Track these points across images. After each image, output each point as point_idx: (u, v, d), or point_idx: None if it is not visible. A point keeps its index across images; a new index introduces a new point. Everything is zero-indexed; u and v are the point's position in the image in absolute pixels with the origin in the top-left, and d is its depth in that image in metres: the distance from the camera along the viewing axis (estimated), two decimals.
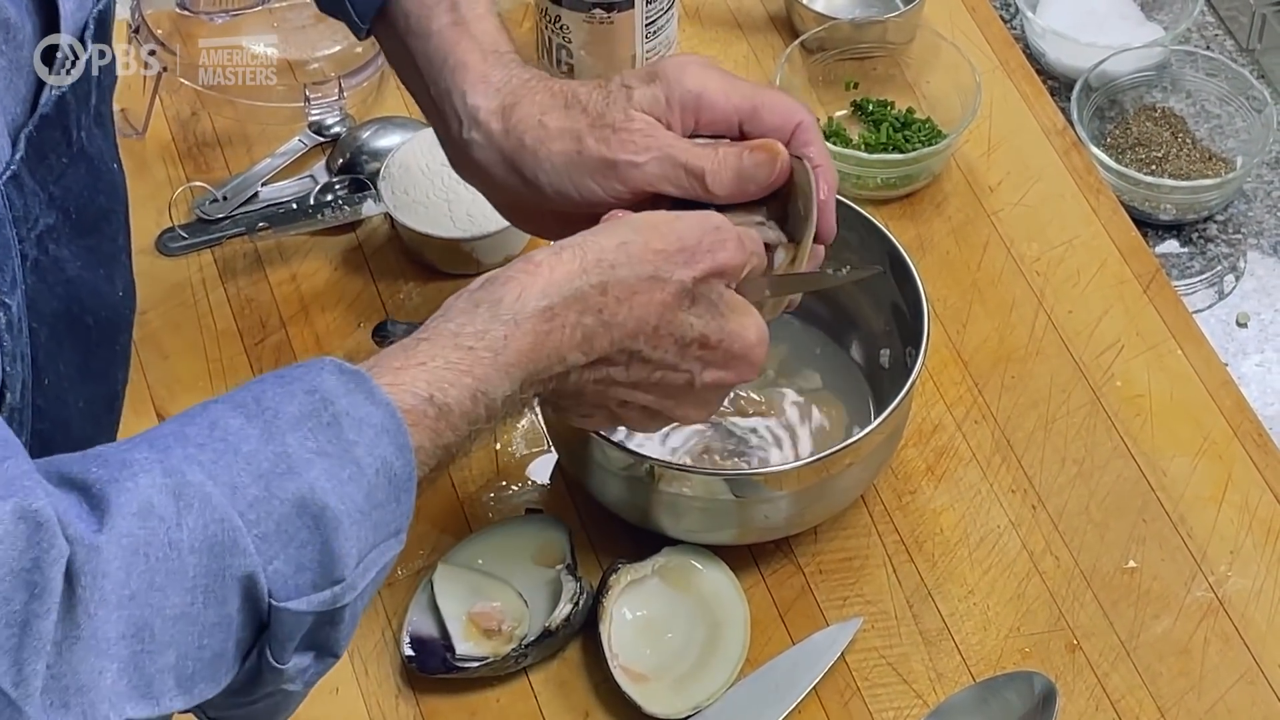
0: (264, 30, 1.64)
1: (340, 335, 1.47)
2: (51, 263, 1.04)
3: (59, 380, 1.06)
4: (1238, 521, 1.35)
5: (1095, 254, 1.51)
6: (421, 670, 1.28)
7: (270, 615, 0.92)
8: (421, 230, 1.48)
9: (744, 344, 1.13)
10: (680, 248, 1.10)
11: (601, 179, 1.19)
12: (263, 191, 1.56)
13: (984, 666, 1.29)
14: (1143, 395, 1.42)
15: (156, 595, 0.88)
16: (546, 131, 1.20)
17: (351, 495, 0.94)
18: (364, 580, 0.95)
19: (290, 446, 0.94)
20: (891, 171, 1.53)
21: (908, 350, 1.34)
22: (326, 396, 0.96)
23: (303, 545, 0.92)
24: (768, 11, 1.69)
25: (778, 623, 1.31)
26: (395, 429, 0.97)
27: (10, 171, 0.99)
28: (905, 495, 1.37)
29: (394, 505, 0.97)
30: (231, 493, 0.92)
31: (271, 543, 0.92)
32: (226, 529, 0.90)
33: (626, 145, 1.19)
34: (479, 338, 1.04)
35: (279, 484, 0.93)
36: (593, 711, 1.28)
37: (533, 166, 1.20)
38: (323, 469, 0.94)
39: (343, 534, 0.93)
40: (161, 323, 1.48)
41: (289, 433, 0.94)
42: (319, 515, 0.93)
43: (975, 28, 1.66)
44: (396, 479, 0.96)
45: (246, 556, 0.91)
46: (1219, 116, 1.66)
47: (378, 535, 0.96)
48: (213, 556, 0.90)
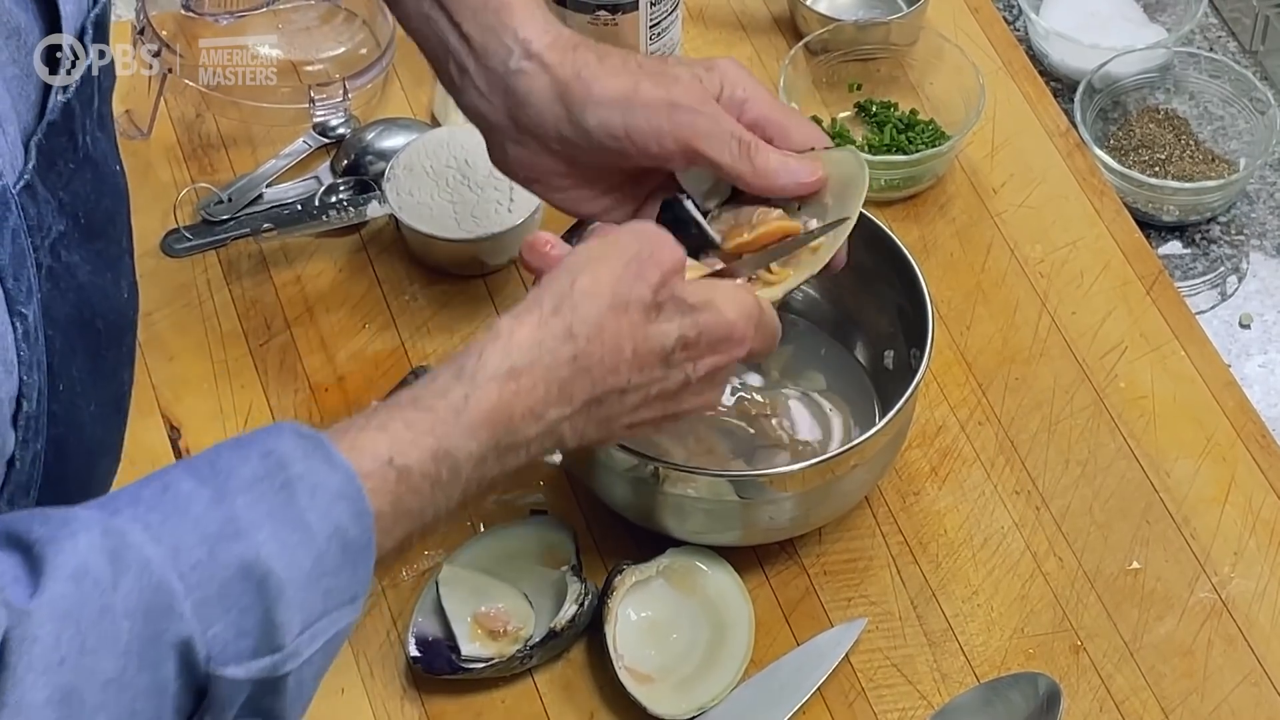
0: (268, 32, 1.64)
1: (345, 336, 1.48)
2: (64, 269, 1.04)
3: (72, 385, 1.06)
4: (1241, 523, 1.35)
5: (1099, 255, 1.51)
6: (427, 671, 1.28)
7: (208, 681, 0.90)
8: (426, 232, 1.48)
9: (724, 326, 1.12)
10: (626, 263, 1.09)
11: (653, 117, 1.18)
12: (267, 193, 1.56)
13: (988, 667, 1.29)
14: (1146, 397, 1.42)
15: (88, 660, 0.86)
16: (604, 68, 1.20)
17: (299, 562, 0.92)
18: (309, 648, 0.93)
19: (239, 509, 0.92)
20: (895, 173, 1.53)
21: (912, 352, 1.34)
22: (282, 460, 0.94)
23: (244, 611, 0.90)
24: (771, 13, 1.69)
25: (782, 624, 1.32)
26: (353, 494, 0.95)
27: (24, 181, 0.99)
28: (909, 496, 1.38)
29: (348, 573, 0.95)
30: (174, 555, 0.90)
31: (212, 607, 0.90)
32: (163, 593, 0.88)
33: (688, 93, 1.19)
34: (440, 397, 1.02)
35: (224, 547, 0.91)
36: (598, 712, 1.28)
37: (583, 98, 1.19)
38: (271, 533, 0.92)
39: (285, 601, 0.91)
40: (167, 324, 1.48)
41: (240, 495, 0.93)
42: (262, 581, 0.91)
43: (979, 29, 1.66)
44: (351, 546, 0.94)
45: (183, 621, 0.89)
46: (1222, 118, 1.66)
47: (328, 603, 0.94)
48: (148, 621, 0.88)
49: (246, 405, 1.43)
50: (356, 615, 0.96)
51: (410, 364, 1.46)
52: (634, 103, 1.19)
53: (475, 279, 1.51)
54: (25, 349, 0.99)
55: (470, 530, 1.36)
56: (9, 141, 0.99)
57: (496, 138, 1.24)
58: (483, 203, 1.49)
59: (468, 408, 1.02)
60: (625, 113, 1.19)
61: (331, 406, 1.43)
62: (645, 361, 1.09)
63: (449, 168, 1.51)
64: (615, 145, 1.20)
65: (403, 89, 1.64)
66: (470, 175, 1.50)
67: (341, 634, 0.95)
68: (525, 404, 1.04)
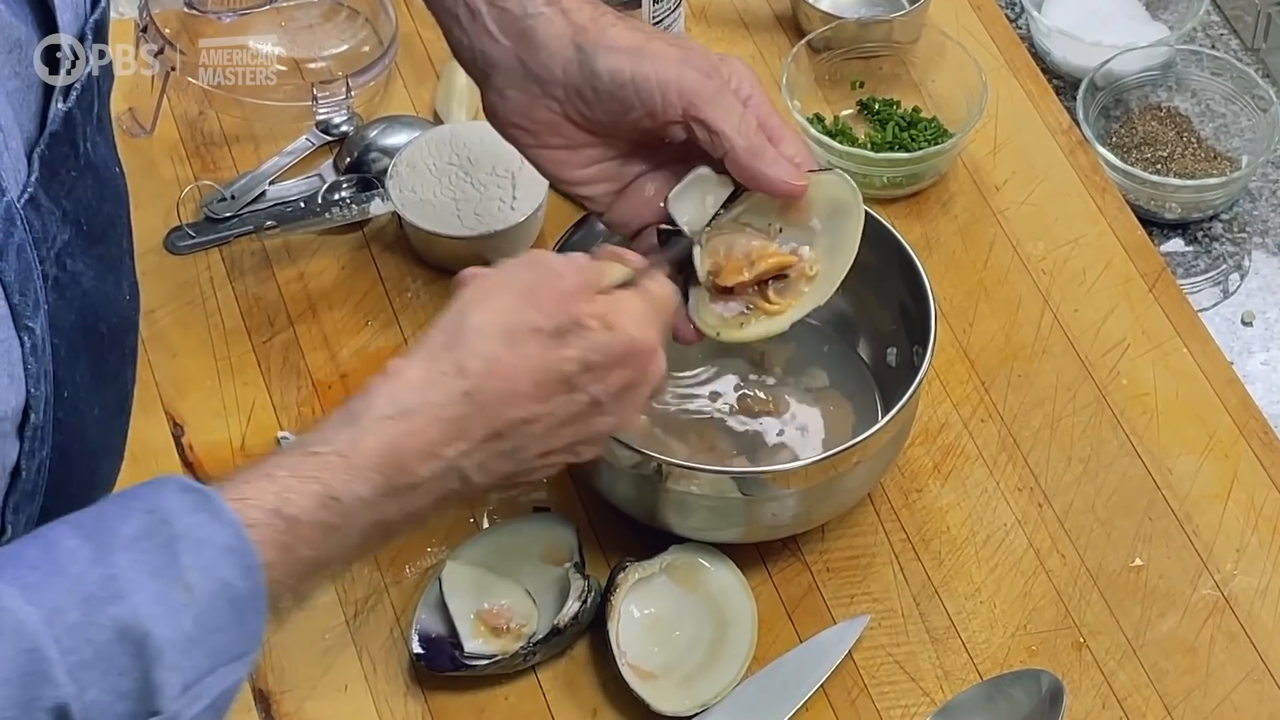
0: (271, 29, 1.64)
1: (347, 334, 1.48)
2: (69, 278, 1.04)
3: (75, 390, 1.06)
4: (1244, 520, 1.36)
5: (1101, 253, 1.51)
6: (430, 668, 1.28)
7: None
8: (429, 229, 1.48)
9: (625, 343, 1.09)
10: (519, 293, 1.07)
11: (663, 69, 1.18)
12: (270, 190, 1.57)
13: (991, 664, 1.29)
14: (1148, 394, 1.42)
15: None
16: (622, 24, 1.20)
17: (179, 622, 0.91)
18: (191, 709, 0.91)
19: (119, 568, 0.91)
20: (897, 170, 1.53)
21: (914, 349, 1.34)
22: (165, 516, 0.93)
23: (122, 674, 0.89)
24: (774, 11, 1.69)
25: (785, 621, 1.32)
26: (240, 548, 0.93)
27: (28, 194, 0.99)
28: (912, 494, 1.38)
29: (235, 629, 0.93)
30: (50, 617, 0.88)
31: (89, 670, 0.88)
32: (36, 659, 0.87)
33: (700, 59, 1.19)
34: (326, 443, 1.00)
35: (101, 609, 0.89)
36: (600, 709, 1.28)
37: (596, 41, 1.19)
38: (151, 594, 0.90)
39: (164, 664, 0.90)
40: (170, 321, 1.48)
41: (121, 553, 0.91)
42: (140, 644, 0.90)
43: (981, 27, 1.67)
44: (239, 600, 0.93)
45: (57, 688, 0.87)
46: (1224, 115, 1.66)
47: (214, 661, 0.92)
48: (21, 687, 0.87)
49: (249, 402, 1.44)
50: (244, 672, 0.94)
51: None
52: (645, 53, 1.18)
53: None
54: (33, 362, 0.99)
55: (473, 527, 1.36)
56: (12, 155, 0.98)
57: (497, 81, 1.22)
58: (485, 200, 1.49)
59: (355, 450, 1.00)
60: (635, 61, 1.18)
61: (334, 403, 1.42)
62: (547, 390, 1.06)
63: (452, 165, 1.51)
64: (620, 94, 1.18)
65: (405, 86, 1.64)
66: (473, 172, 1.50)
67: (229, 692, 0.93)
68: (417, 443, 1.02)
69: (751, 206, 1.22)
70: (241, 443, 1.41)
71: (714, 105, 1.18)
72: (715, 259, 1.21)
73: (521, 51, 1.20)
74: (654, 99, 1.18)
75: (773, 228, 1.22)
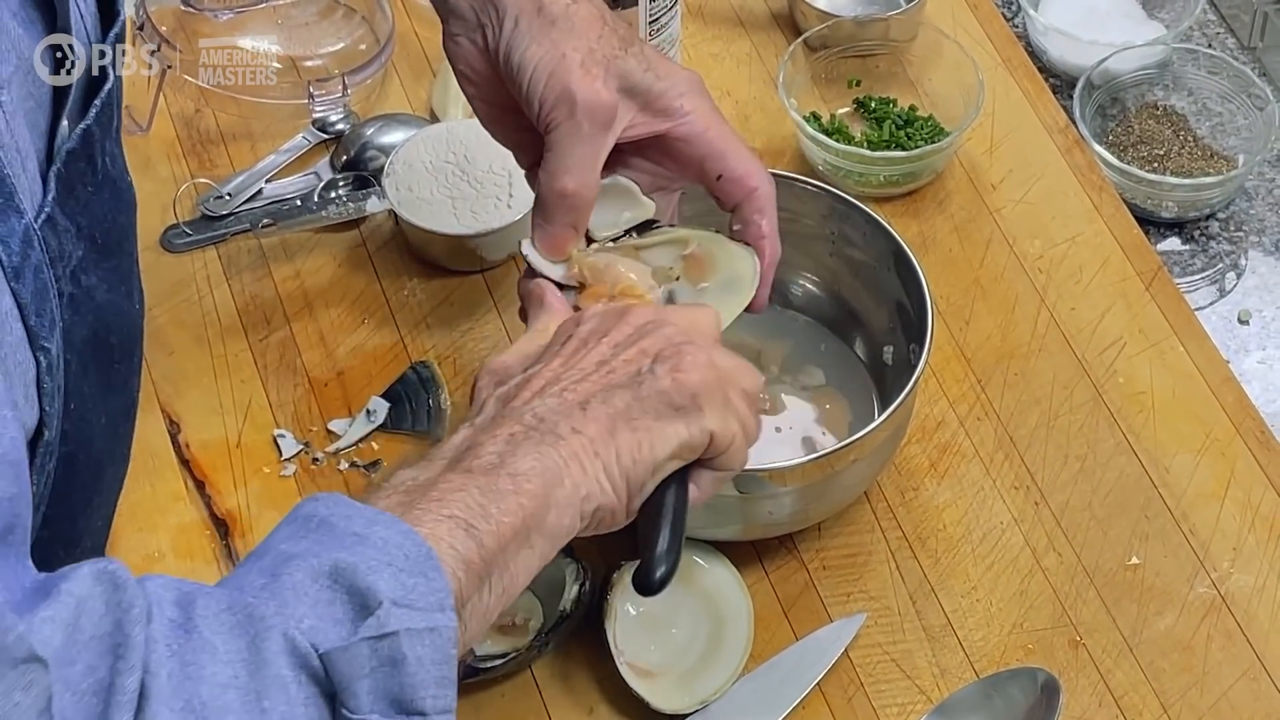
0: (268, 27, 1.64)
1: (344, 332, 1.48)
2: (84, 294, 1.04)
3: (83, 402, 1.06)
4: (1240, 518, 1.36)
5: (1097, 251, 1.51)
6: None
7: (325, 667, 0.89)
8: (426, 227, 1.48)
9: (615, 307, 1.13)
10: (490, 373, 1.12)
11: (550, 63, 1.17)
12: (267, 188, 1.56)
13: (987, 662, 1.29)
14: (1145, 392, 1.43)
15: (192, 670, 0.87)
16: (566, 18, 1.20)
17: (361, 554, 0.92)
18: (410, 622, 0.91)
19: (284, 548, 0.93)
20: (894, 169, 1.53)
21: (911, 347, 1.34)
22: (310, 513, 0.95)
23: (329, 603, 0.90)
24: (770, 9, 1.69)
25: (781, 619, 1.32)
26: (387, 520, 0.95)
27: (45, 214, 0.99)
28: (908, 492, 1.38)
29: (421, 578, 0.92)
30: (238, 590, 0.91)
31: (292, 608, 0.90)
32: (239, 609, 0.89)
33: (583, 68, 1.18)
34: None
35: (282, 569, 0.91)
36: (597, 707, 1.28)
37: (530, 19, 1.18)
38: (324, 549, 0.92)
39: (362, 574, 0.91)
40: (167, 319, 1.48)
41: (281, 544, 0.94)
42: (333, 571, 0.91)
43: (977, 25, 1.67)
44: (411, 556, 0.93)
45: (271, 619, 0.89)
46: (1220, 114, 1.66)
47: (411, 596, 0.92)
48: (236, 634, 0.89)
49: (246, 400, 1.43)
50: (452, 624, 0.92)
51: (409, 359, 1.46)
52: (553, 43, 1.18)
53: (474, 274, 1.51)
54: (48, 380, 0.99)
55: None
56: (29, 176, 0.98)
57: (453, 26, 1.23)
58: (482, 198, 1.49)
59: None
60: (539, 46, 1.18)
61: (330, 401, 1.43)
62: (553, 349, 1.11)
63: (448, 163, 1.51)
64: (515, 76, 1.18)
65: (402, 84, 1.64)
66: (469, 170, 1.50)
67: (443, 636, 0.92)
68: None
69: (662, 244, 1.22)
70: (238, 440, 1.41)
71: (564, 130, 1.18)
72: (586, 273, 1.21)
73: (478, 4, 1.21)
74: (531, 102, 1.18)
75: (671, 272, 1.22)
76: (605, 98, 1.17)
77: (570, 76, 1.17)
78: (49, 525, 1.08)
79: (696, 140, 1.21)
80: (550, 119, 1.17)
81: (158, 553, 1.35)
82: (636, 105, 1.20)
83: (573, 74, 1.17)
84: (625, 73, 1.19)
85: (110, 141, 1.07)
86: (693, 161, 1.21)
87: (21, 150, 0.97)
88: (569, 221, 1.19)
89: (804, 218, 1.39)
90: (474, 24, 1.21)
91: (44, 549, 1.09)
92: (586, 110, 1.17)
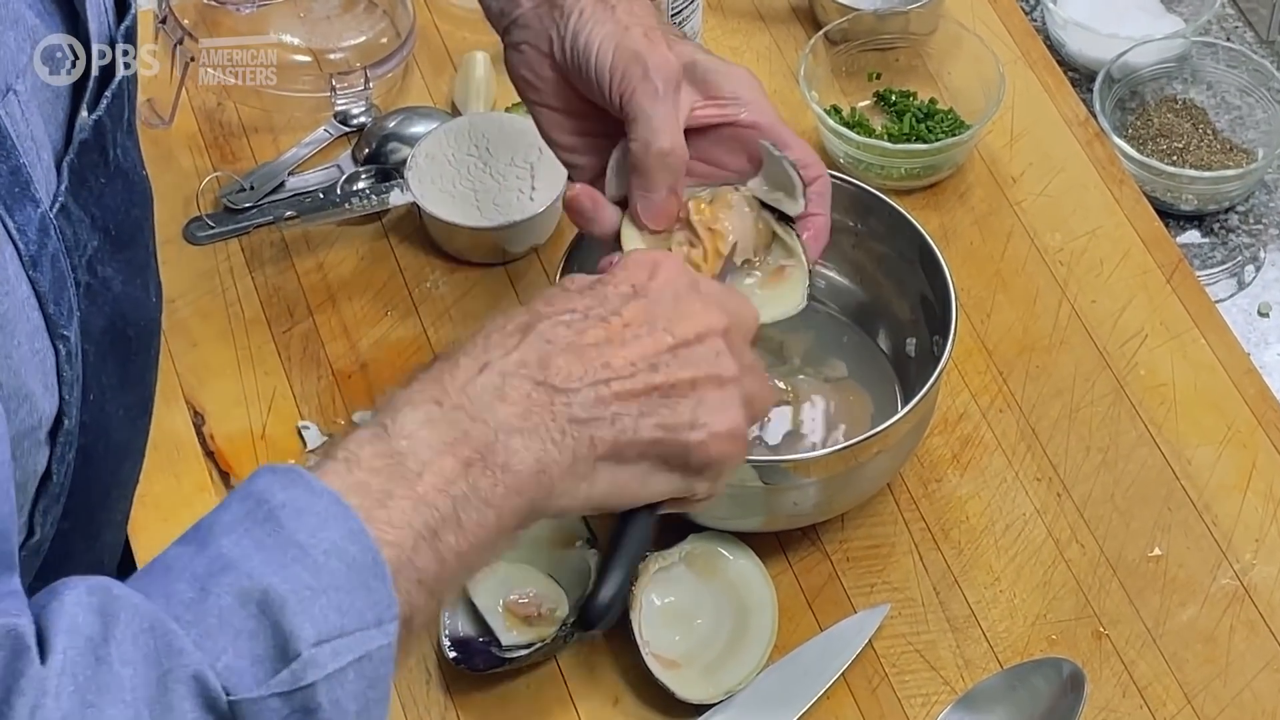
0: (290, 21, 1.65)
1: (367, 324, 1.48)
2: (100, 284, 1.04)
3: (101, 393, 1.06)
4: (1262, 510, 1.36)
5: (1118, 244, 1.51)
6: (471, 670, 1.27)
7: (233, 712, 0.85)
8: (448, 220, 1.49)
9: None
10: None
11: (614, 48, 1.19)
12: (289, 181, 1.57)
13: (1011, 653, 1.30)
14: (1166, 384, 1.43)
15: (91, 713, 0.83)
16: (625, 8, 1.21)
17: (296, 575, 0.87)
18: (333, 663, 0.87)
19: (224, 548, 0.88)
20: (915, 162, 1.54)
21: (934, 339, 1.35)
22: (261, 495, 0.90)
23: (252, 635, 0.86)
24: (790, 3, 1.69)
25: (805, 610, 1.32)
26: (340, 514, 0.90)
27: (60, 203, 0.99)
28: (931, 483, 1.38)
29: (361, 591, 0.89)
30: (165, 601, 0.86)
31: (215, 638, 0.86)
32: (160, 634, 0.85)
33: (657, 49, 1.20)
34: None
35: (215, 582, 0.87)
36: (622, 697, 1.29)
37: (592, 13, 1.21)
38: (262, 559, 0.88)
39: (290, 611, 0.86)
40: (190, 311, 1.49)
41: (223, 536, 0.89)
42: (262, 599, 0.86)
43: (996, 18, 1.67)
44: (355, 563, 0.89)
45: (187, 656, 0.85)
46: (1240, 108, 1.66)
47: (344, 619, 0.88)
48: (149, 665, 0.84)
49: (270, 392, 1.44)
50: (386, 640, 0.89)
51: (432, 351, 1.46)
52: (616, 33, 1.19)
53: (496, 267, 1.51)
54: (67, 369, 1.00)
55: None
56: (44, 166, 0.99)
57: (514, 35, 1.24)
58: (504, 190, 1.49)
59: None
60: (603, 36, 1.19)
61: (354, 393, 1.44)
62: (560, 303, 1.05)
63: (470, 156, 1.51)
64: (582, 65, 1.20)
65: (423, 78, 1.64)
66: (492, 163, 1.50)
67: (375, 660, 0.89)
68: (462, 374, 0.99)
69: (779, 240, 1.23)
70: (262, 432, 1.42)
71: (640, 93, 1.18)
72: (709, 213, 1.22)
73: (543, 10, 1.22)
74: (602, 77, 1.19)
75: (754, 260, 1.23)
76: (672, 60, 1.19)
77: (636, 43, 1.18)
78: (68, 517, 1.08)
79: (765, 129, 1.21)
80: (624, 86, 1.18)
81: None
82: (698, 88, 1.21)
83: (638, 41, 1.18)
84: (687, 51, 1.21)
85: (122, 134, 1.07)
86: (756, 151, 1.22)
87: (37, 140, 0.98)
88: (670, 183, 1.20)
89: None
90: (538, 29, 1.22)
91: (64, 542, 1.10)
92: (658, 69, 1.18)
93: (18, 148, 0.95)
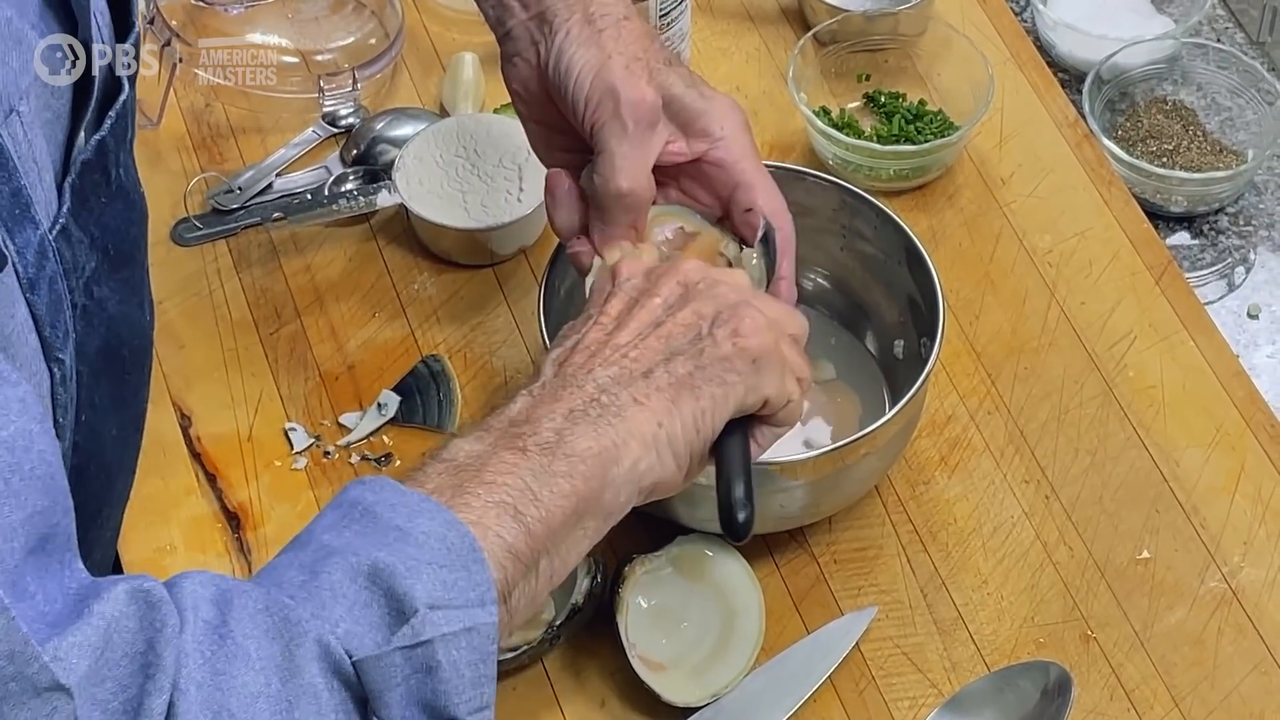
0: (278, 21, 1.64)
1: (355, 325, 1.48)
2: (96, 305, 1.04)
3: (94, 414, 1.07)
4: (1251, 513, 1.36)
5: (1107, 246, 1.51)
6: None
7: (359, 675, 0.90)
8: (436, 221, 1.48)
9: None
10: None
11: (594, 71, 1.20)
12: (277, 182, 1.57)
13: (998, 656, 1.29)
14: (1155, 386, 1.43)
15: (223, 680, 0.88)
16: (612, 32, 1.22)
17: (402, 552, 0.93)
18: (446, 625, 0.92)
19: (326, 541, 0.94)
20: (904, 163, 1.53)
21: (922, 341, 1.34)
22: (355, 500, 0.96)
23: (366, 605, 0.91)
24: (779, 4, 1.69)
25: (792, 612, 1.32)
26: (431, 508, 0.96)
27: (60, 225, 0.99)
28: (919, 485, 1.38)
29: (462, 571, 0.94)
30: (276, 587, 0.92)
31: (331, 609, 0.91)
32: (275, 611, 0.90)
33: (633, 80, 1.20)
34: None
35: (322, 566, 0.92)
36: (609, 700, 1.28)
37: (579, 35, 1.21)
38: (365, 544, 0.93)
39: (400, 577, 0.92)
40: (177, 313, 1.48)
41: (324, 535, 0.95)
42: (372, 571, 0.92)
43: (986, 20, 1.67)
44: (455, 548, 0.94)
45: (306, 625, 0.90)
46: (1230, 109, 1.66)
47: (451, 595, 0.93)
48: (271, 639, 0.89)
49: (257, 393, 1.44)
50: (492, 619, 0.94)
51: (420, 353, 1.46)
52: (598, 57, 1.20)
53: (485, 268, 1.51)
54: (62, 392, 1.00)
55: None
56: (45, 188, 0.98)
57: (509, 48, 1.25)
58: (492, 192, 1.49)
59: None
60: (585, 56, 1.20)
61: (341, 395, 1.44)
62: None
63: (458, 157, 1.51)
64: (561, 85, 1.21)
65: (411, 79, 1.64)
66: (480, 165, 1.50)
67: (481, 634, 0.93)
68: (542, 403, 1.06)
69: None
70: (249, 434, 1.41)
71: (609, 129, 1.19)
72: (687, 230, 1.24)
73: (532, 25, 1.23)
74: (578, 104, 1.20)
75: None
76: (649, 96, 1.19)
77: (614, 76, 1.18)
78: None
79: (732, 167, 1.22)
80: (595, 117, 1.19)
81: (169, 545, 1.36)
82: (676, 123, 1.21)
83: (616, 74, 1.19)
84: (668, 84, 1.21)
85: (124, 152, 1.07)
86: (725, 189, 1.22)
87: (39, 162, 0.98)
88: (629, 221, 1.21)
89: (815, 212, 1.39)
90: (527, 43, 1.23)
91: None
92: (630, 106, 1.18)
93: (19, 169, 0.95)
